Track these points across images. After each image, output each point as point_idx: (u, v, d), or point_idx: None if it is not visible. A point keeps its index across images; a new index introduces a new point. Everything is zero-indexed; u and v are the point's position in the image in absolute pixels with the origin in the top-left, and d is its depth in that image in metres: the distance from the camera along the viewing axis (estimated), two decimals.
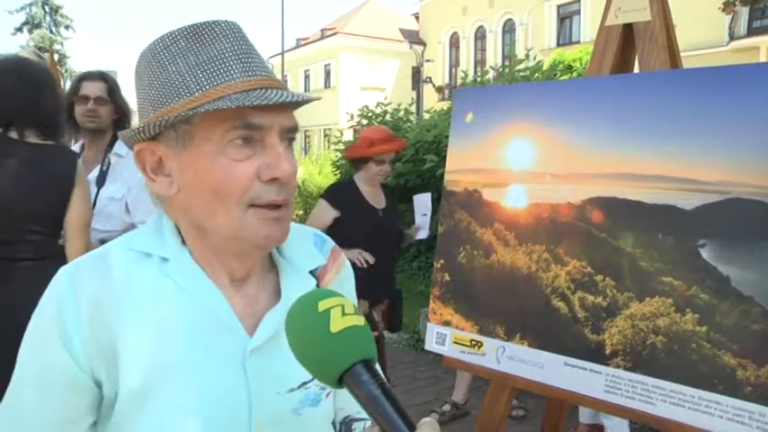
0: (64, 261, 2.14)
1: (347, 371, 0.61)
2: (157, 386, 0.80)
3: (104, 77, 2.71)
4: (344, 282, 1.01)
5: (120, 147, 2.61)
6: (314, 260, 0.97)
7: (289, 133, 0.84)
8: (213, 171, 0.79)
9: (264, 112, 0.79)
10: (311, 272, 0.95)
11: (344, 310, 0.64)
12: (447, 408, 3.64)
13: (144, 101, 0.85)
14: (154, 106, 0.82)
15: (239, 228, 0.81)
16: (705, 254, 1.41)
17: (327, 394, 0.92)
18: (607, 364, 1.51)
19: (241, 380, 0.83)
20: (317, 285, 0.94)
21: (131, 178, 2.51)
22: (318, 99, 0.91)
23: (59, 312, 0.80)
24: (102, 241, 2.45)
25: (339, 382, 0.62)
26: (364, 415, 0.99)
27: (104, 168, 2.62)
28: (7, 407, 0.84)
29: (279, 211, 0.82)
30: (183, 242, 0.87)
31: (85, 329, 0.79)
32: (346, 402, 0.98)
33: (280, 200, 0.81)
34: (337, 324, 0.63)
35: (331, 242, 1.03)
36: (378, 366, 0.66)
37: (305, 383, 0.88)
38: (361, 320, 0.65)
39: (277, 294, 0.90)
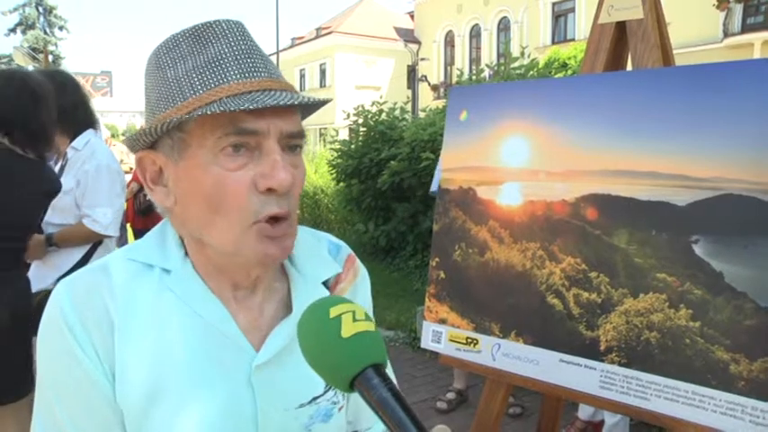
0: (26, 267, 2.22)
1: (358, 375, 0.62)
2: (158, 405, 0.77)
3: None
4: (359, 291, 0.97)
5: (77, 141, 2.62)
6: (328, 269, 0.93)
7: (291, 139, 0.77)
8: (206, 181, 0.75)
9: (259, 116, 0.73)
10: (324, 282, 0.91)
11: (355, 315, 0.65)
12: (452, 396, 3.71)
13: (147, 106, 0.82)
14: (153, 112, 0.79)
15: (236, 244, 0.77)
16: (698, 250, 1.42)
17: (339, 408, 0.89)
18: (602, 360, 1.52)
19: (247, 397, 0.80)
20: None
21: (80, 171, 2.53)
22: (327, 101, 0.84)
23: (68, 327, 0.77)
24: (49, 238, 2.45)
25: (351, 387, 0.63)
26: (373, 431, 0.99)
27: (63, 163, 2.64)
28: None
29: (280, 227, 0.77)
30: (187, 253, 0.84)
31: (96, 345, 0.77)
32: (355, 417, 0.97)
33: (282, 212, 0.76)
34: (348, 329, 0.64)
35: (347, 249, 0.99)
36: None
37: (316, 398, 0.85)
38: (371, 326, 0.66)
39: (285, 306, 0.87)
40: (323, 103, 0.82)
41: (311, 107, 0.82)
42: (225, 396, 0.79)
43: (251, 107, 0.71)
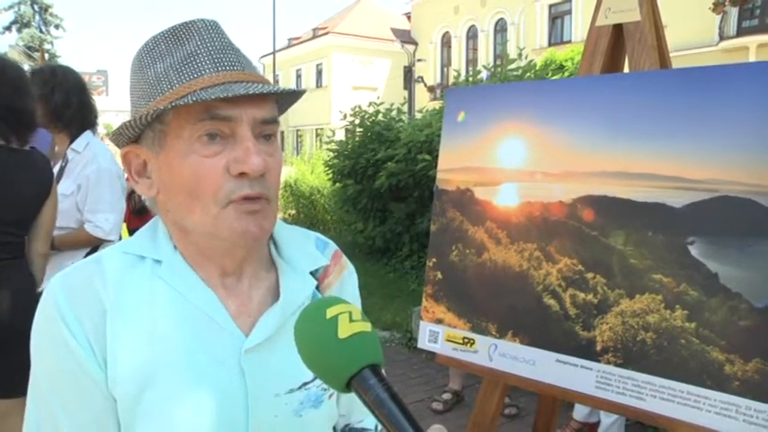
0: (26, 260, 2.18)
1: (355, 375, 0.63)
2: (151, 390, 0.79)
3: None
4: (347, 285, 1.00)
5: (77, 143, 2.59)
6: (315, 261, 0.95)
7: (265, 126, 0.81)
8: (184, 169, 0.79)
9: (233, 104, 0.78)
10: (312, 273, 0.93)
11: (352, 316, 0.66)
12: (448, 396, 3.72)
13: (131, 104, 0.86)
14: (137, 109, 0.83)
15: (214, 225, 0.80)
16: (694, 251, 1.43)
17: (330, 395, 0.91)
18: (598, 361, 1.53)
19: (238, 381, 0.82)
20: (318, 287, 0.93)
21: (80, 175, 2.52)
22: (301, 92, 0.87)
23: (61, 317, 0.79)
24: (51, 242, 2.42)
25: (347, 387, 0.64)
26: (365, 425, 1.00)
27: (63, 165, 2.62)
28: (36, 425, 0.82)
29: (255, 203, 0.80)
30: (176, 246, 0.87)
31: (89, 335, 0.79)
32: (348, 410, 0.98)
33: (254, 193, 0.79)
34: (345, 330, 0.64)
35: (333, 245, 1.02)
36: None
37: (305, 384, 0.87)
38: (367, 326, 0.66)
39: (273, 294, 0.89)
40: (295, 92, 0.85)
41: (290, 99, 0.87)
42: (216, 380, 0.81)
43: (222, 96, 0.75)
